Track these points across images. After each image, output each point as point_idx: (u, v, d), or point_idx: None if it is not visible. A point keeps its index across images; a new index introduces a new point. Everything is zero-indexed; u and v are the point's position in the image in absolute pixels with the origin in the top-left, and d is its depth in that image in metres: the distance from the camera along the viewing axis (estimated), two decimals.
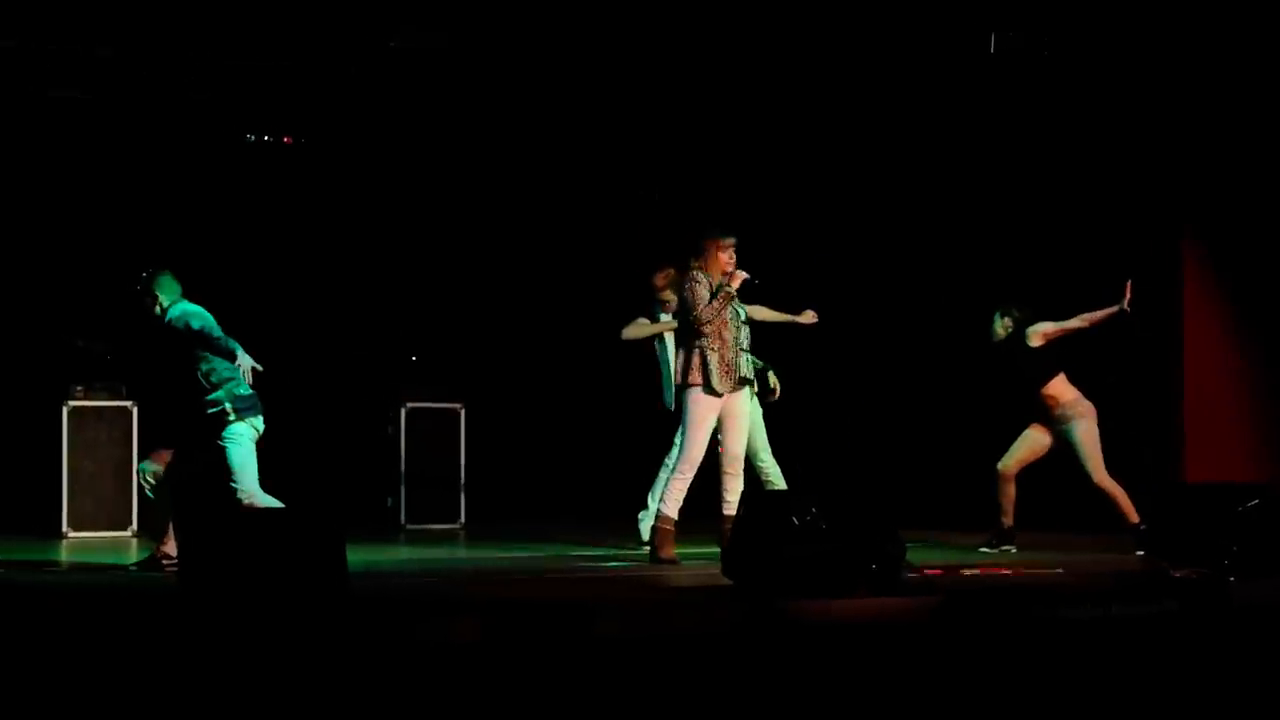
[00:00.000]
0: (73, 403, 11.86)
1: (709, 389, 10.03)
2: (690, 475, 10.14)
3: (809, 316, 10.89)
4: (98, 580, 9.31)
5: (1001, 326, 11.10)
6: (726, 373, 10.06)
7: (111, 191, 12.70)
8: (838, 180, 13.80)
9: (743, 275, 10.13)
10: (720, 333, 10.05)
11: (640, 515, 11.07)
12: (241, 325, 12.95)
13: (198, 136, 12.72)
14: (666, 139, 13.50)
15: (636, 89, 12.74)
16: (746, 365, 10.24)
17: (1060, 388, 10.91)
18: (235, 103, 12.50)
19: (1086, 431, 10.84)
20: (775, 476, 10.77)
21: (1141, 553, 10.37)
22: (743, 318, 10.25)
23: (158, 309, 9.51)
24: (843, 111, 13.20)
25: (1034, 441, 11.01)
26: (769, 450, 10.90)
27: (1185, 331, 12.36)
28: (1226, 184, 12.32)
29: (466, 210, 13.73)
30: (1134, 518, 10.72)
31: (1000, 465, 11.05)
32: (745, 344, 10.23)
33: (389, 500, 12.92)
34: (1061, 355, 10.95)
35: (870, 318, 13.76)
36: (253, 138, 12.91)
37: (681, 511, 10.22)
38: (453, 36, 11.67)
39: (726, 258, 10.15)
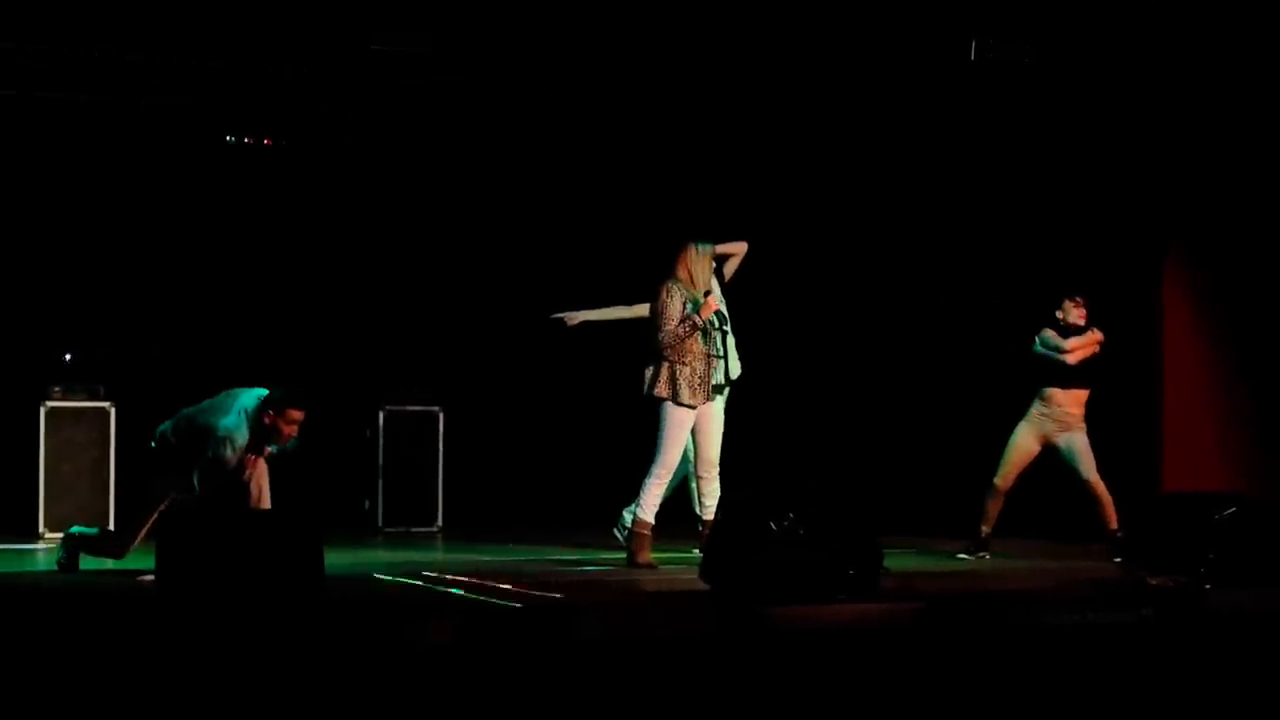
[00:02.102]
0: (50, 403, 11.79)
1: (679, 402, 10.07)
2: (666, 479, 10.20)
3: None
4: (75, 581, 9.29)
5: (1076, 313, 11.09)
6: (698, 385, 10.07)
7: (90, 192, 12.66)
8: (828, 188, 13.80)
9: (715, 305, 10.11)
10: (690, 348, 10.06)
11: (625, 511, 11.02)
12: (222, 327, 13.00)
13: (177, 137, 12.68)
14: (653, 144, 13.50)
15: (623, 92, 12.74)
16: (721, 372, 10.22)
17: (1081, 396, 10.99)
18: (215, 104, 12.48)
19: (1085, 440, 10.95)
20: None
21: (1119, 560, 10.40)
22: (716, 324, 10.21)
23: None
24: (832, 118, 13.19)
25: (1024, 451, 11.04)
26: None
27: (1164, 340, 12.38)
28: (1209, 197, 12.33)
29: (446, 213, 13.71)
30: (1114, 524, 10.79)
31: (997, 480, 11.07)
32: (720, 350, 10.20)
33: (366, 502, 12.91)
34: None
35: (854, 325, 13.80)
36: (233, 139, 12.88)
37: (658, 515, 10.27)
38: (436, 39, 11.66)
39: (705, 271, 10.15)
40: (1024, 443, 11.03)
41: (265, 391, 9.32)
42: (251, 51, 11.67)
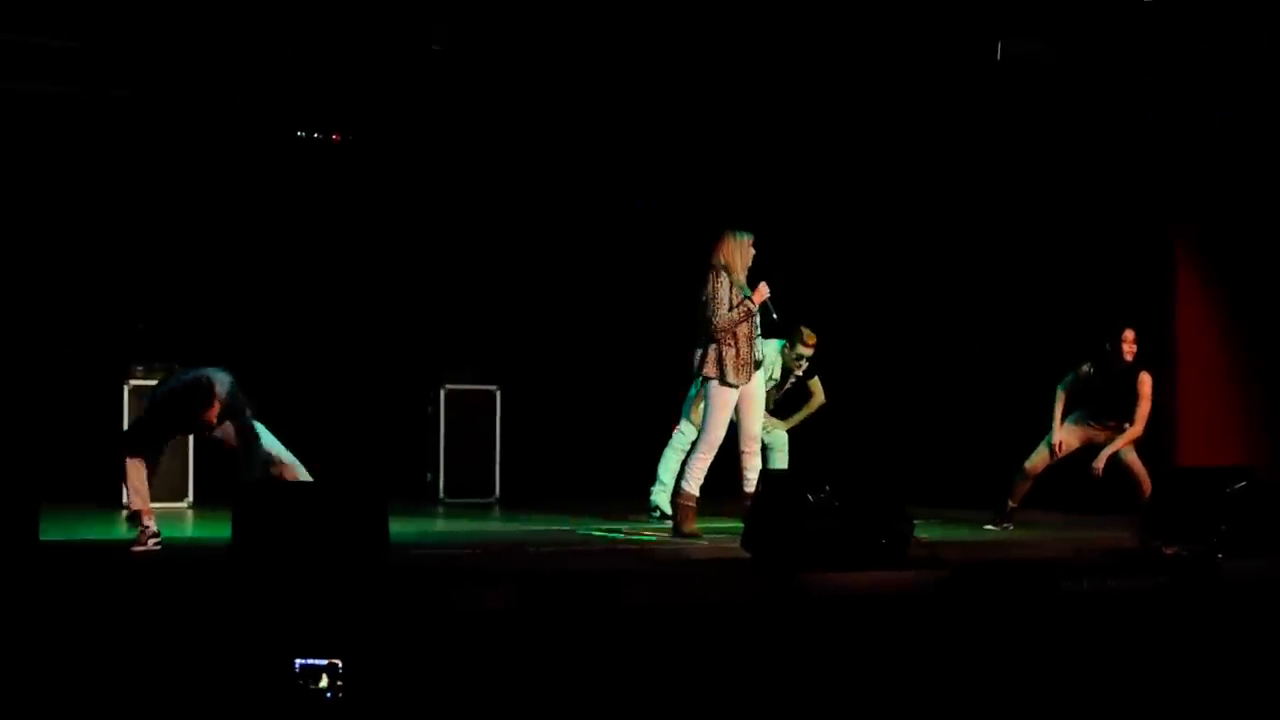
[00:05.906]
0: (133, 382, 12.09)
1: (725, 382, 10.27)
2: (710, 456, 10.35)
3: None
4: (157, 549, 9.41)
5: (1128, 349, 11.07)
6: (741, 366, 10.26)
7: (169, 185, 12.88)
8: (847, 176, 13.92)
9: (765, 293, 10.27)
10: (739, 331, 10.25)
11: (652, 489, 11.45)
12: (294, 313, 13.30)
13: (252, 133, 12.94)
14: (695, 131, 13.62)
15: (668, 79, 12.91)
16: (759, 351, 10.48)
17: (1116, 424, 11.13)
18: (288, 102, 12.76)
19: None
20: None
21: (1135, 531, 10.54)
22: (769, 310, 10.49)
23: None
24: (848, 109, 13.34)
25: (1063, 444, 11.11)
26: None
27: (1177, 321, 12.42)
28: (1218, 180, 12.28)
29: (504, 198, 13.87)
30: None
31: (1027, 465, 11.16)
32: (759, 331, 10.51)
33: (429, 475, 13.18)
34: None
35: (880, 306, 13.92)
36: (303, 134, 13.15)
37: (704, 489, 10.47)
38: (492, 37, 11.94)
39: (745, 258, 10.35)
40: (1065, 438, 11.11)
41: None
42: (321, 50, 12.00)
